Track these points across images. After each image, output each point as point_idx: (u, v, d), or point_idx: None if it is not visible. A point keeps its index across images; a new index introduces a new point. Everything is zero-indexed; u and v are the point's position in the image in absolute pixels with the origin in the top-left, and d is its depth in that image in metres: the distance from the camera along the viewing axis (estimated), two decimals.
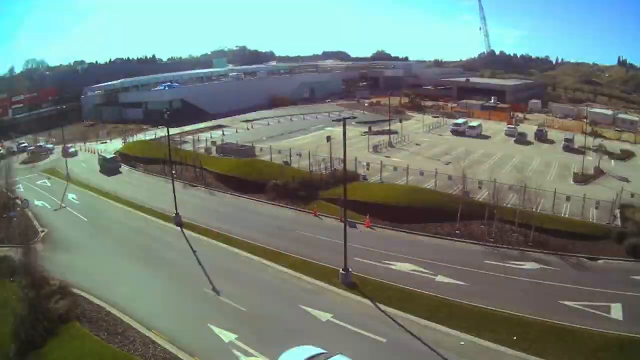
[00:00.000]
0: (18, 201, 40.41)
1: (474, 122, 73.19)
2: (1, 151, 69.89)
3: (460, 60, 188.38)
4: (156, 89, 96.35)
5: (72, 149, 63.14)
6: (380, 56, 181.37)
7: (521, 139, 65.24)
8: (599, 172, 47.96)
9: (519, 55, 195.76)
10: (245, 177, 43.38)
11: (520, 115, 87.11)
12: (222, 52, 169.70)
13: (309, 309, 22.23)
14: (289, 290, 24.60)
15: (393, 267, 26.54)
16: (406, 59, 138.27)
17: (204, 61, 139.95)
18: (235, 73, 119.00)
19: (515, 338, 19.42)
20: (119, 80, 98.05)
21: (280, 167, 45.79)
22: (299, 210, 37.20)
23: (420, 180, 40.62)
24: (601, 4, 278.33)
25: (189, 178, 46.65)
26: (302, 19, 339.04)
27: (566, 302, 22.34)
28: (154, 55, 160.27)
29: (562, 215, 33.83)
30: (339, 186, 34.62)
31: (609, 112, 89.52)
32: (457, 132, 69.27)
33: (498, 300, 22.49)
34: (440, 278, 25.15)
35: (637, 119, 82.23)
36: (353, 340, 19.85)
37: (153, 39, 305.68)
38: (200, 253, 29.97)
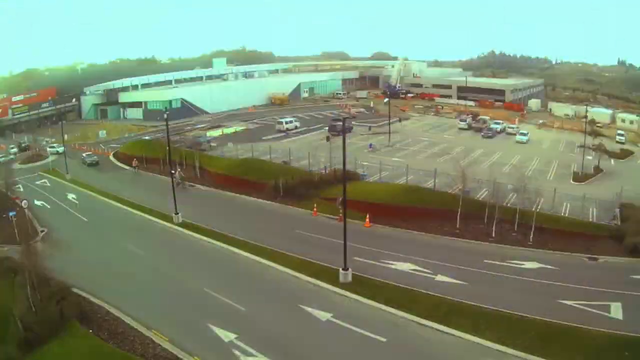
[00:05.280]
0: (18, 201, 40.35)
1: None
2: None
3: (460, 60, 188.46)
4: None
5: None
6: (380, 56, 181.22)
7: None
8: (599, 171, 48.04)
9: (518, 56, 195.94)
10: (244, 176, 43.35)
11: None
12: (221, 53, 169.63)
13: (309, 309, 22.22)
14: (289, 289, 24.60)
15: (393, 266, 26.53)
16: (405, 59, 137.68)
17: (203, 61, 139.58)
18: (234, 73, 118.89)
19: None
20: (119, 80, 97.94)
21: (279, 166, 45.77)
22: (299, 210, 37.18)
23: (420, 180, 40.62)
24: (601, 4, 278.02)
25: (188, 177, 46.61)
26: (301, 20, 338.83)
27: (566, 302, 22.33)
28: (153, 56, 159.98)
29: (562, 214, 33.86)
30: (338, 185, 34.60)
31: (609, 111, 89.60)
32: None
33: (498, 299, 22.47)
34: (440, 277, 25.14)
35: (636, 118, 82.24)
36: (353, 340, 19.85)
37: (152, 39, 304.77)
38: (200, 253, 30.01)
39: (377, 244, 29.64)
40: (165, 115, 39.76)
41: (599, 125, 75.60)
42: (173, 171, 39.89)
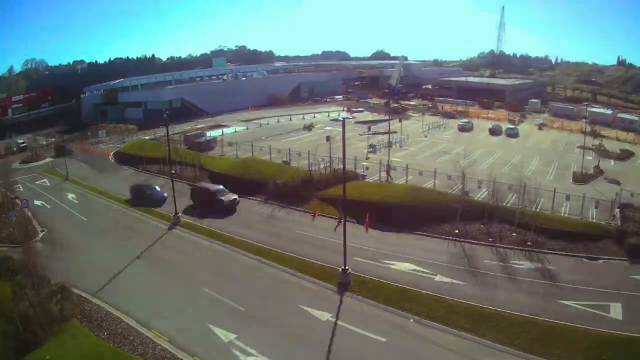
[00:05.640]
0: (18, 201, 40.34)
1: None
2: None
3: (460, 60, 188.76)
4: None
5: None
6: (380, 56, 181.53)
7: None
8: (599, 172, 48.00)
9: (518, 56, 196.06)
10: (244, 176, 43.35)
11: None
12: (221, 52, 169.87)
13: (309, 309, 22.24)
14: (289, 290, 24.61)
15: (392, 267, 26.54)
16: (406, 59, 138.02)
17: (204, 61, 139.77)
18: (234, 73, 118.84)
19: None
20: (119, 80, 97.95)
21: (279, 166, 45.76)
22: (299, 210, 37.19)
23: (420, 180, 40.61)
24: (601, 4, 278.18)
25: (188, 178, 46.62)
26: (301, 19, 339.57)
27: (566, 302, 22.35)
28: (153, 55, 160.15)
29: (562, 214, 33.85)
30: (338, 186, 34.59)
31: (609, 112, 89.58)
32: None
33: (497, 300, 22.52)
34: (439, 278, 25.16)
35: (636, 118, 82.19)
36: (353, 340, 19.86)
37: (153, 39, 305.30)
38: (200, 253, 29.99)
39: (377, 244, 29.67)
40: (165, 116, 39.76)
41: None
42: (173, 171, 39.87)
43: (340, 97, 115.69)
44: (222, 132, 71.01)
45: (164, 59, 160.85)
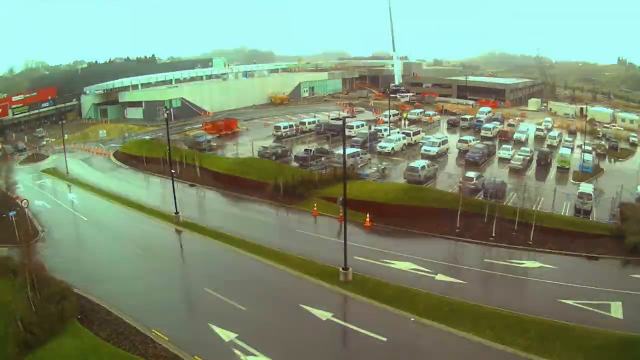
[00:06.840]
0: (18, 201, 40.32)
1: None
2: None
3: (460, 59, 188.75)
4: None
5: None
6: (380, 55, 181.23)
7: None
8: (599, 171, 47.99)
9: (519, 54, 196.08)
10: (244, 176, 43.34)
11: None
12: (221, 52, 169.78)
13: (309, 308, 22.22)
14: (289, 289, 24.60)
15: (393, 266, 26.54)
16: (405, 58, 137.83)
17: (204, 60, 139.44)
18: (234, 72, 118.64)
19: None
20: (119, 80, 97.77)
21: (279, 165, 45.75)
22: (299, 210, 37.18)
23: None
24: (601, 3, 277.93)
25: (188, 177, 46.60)
26: (301, 19, 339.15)
27: (566, 301, 22.35)
28: (153, 55, 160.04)
29: (562, 213, 33.85)
30: (338, 185, 34.57)
31: (609, 110, 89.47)
32: None
33: (498, 298, 22.51)
34: (440, 277, 25.16)
35: (636, 117, 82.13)
36: (353, 340, 19.87)
37: (152, 39, 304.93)
38: (200, 252, 29.99)
39: (377, 243, 29.67)
40: (164, 115, 39.71)
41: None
42: (173, 171, 39.83)
43: (340, 96, 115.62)
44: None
45: (164, 59, 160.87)
